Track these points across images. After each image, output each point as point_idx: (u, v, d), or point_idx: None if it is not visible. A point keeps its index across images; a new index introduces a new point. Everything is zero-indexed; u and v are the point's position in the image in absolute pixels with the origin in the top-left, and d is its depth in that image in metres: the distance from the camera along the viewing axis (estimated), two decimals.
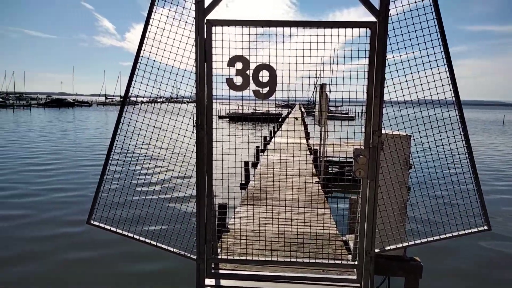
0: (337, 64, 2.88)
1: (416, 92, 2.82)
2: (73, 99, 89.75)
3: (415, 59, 2.79)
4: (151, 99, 3.14)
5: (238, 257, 3.27)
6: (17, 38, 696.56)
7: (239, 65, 2.86)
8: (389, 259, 3.60)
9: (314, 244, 3.44)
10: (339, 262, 3.09)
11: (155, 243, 3.31)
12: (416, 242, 2.99)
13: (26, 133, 25.35)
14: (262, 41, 2.81)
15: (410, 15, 2.71)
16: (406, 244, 3.05)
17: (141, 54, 2.93)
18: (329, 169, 9.68)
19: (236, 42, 2.82)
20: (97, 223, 3.30)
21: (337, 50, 2.83)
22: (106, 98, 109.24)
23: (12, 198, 9.46)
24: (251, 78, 2.85)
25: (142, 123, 3.15)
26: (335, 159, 10.32)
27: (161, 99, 3.16)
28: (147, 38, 2.89)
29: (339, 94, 2.89)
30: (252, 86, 2.88)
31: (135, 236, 3.31)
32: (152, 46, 2.90)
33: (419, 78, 2.79)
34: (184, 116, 3.15)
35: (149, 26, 2.88)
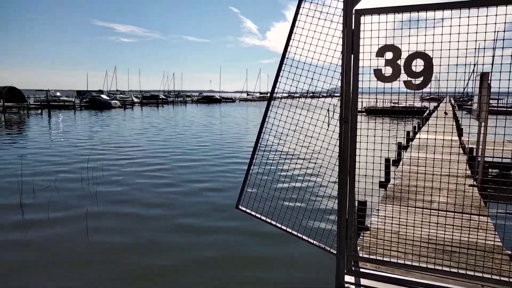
0: None
1: None
2: (219, 96, 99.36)
3: None
4: (294, 94, 3.22)
5: (381, 258, 3.11)
6: (177, 43, 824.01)
7: (389, 55, 2.69)
8: None
9: (472, 255, 3.02)
10: (506, 279, 2.64)
11: (295, 233, 3.41)
12: None
13: (183, 127, 29.22)
14: (417, 27, 2.57)
15: None
16: None
17: (288, 50, 3.03)
18: (490, 171, 8.36)
19: (386, 31, 2.66)
20: (244, 209, 3.58)
21: None
22: (248, 95, 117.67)
23: (165, 188, 10.91)
24: (402, 68, 2.65)
25: (287, 117, 3.26)
26: (496, 159, 8.86)
27: (301, 94, 3.22)
28: (295, 33, 2.97)
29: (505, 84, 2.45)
30: (403, 76, 2.68)
31: (277, 224, 3.47)
32: (299, 41, 2.96)
33: None
34: (328, 110, 3.14)
35: (297, 21, 2.95)
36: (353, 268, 3.25)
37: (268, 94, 3.31)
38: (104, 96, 64.27)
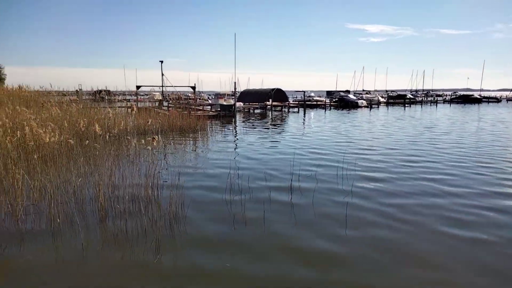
0: None
1: None
2: (479, 95, 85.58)
3: None
4: None
5: None
6: (431, 38, 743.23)
7: None
8: None
9: None
10: None
11: None
12: None
13: (434, 133, 26.73)
14: None
15: None
16: None
17: None
18: None
19: None
20: None
21: None
22: None
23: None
24: None
25: None
26: None
27: None
28: None
29: None
30: None
31: None
32: None
33: None
34: None
35: None
36: None
37: None
38: (351, 96, 67.29)
